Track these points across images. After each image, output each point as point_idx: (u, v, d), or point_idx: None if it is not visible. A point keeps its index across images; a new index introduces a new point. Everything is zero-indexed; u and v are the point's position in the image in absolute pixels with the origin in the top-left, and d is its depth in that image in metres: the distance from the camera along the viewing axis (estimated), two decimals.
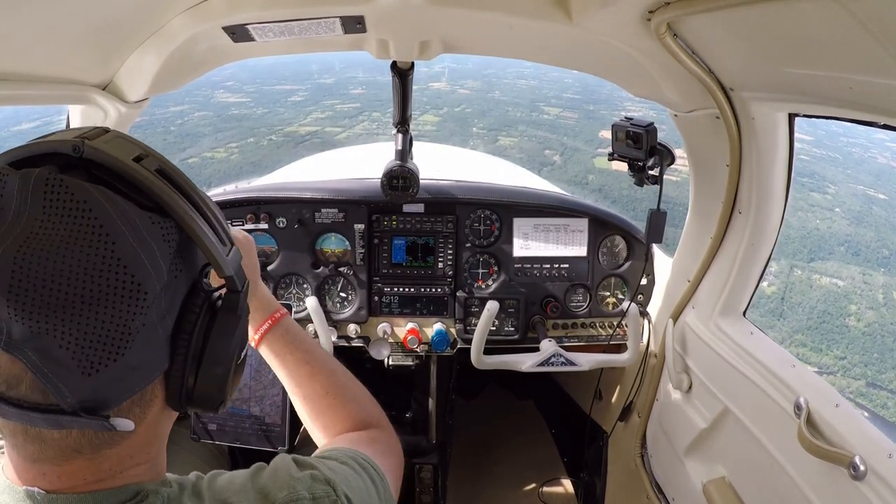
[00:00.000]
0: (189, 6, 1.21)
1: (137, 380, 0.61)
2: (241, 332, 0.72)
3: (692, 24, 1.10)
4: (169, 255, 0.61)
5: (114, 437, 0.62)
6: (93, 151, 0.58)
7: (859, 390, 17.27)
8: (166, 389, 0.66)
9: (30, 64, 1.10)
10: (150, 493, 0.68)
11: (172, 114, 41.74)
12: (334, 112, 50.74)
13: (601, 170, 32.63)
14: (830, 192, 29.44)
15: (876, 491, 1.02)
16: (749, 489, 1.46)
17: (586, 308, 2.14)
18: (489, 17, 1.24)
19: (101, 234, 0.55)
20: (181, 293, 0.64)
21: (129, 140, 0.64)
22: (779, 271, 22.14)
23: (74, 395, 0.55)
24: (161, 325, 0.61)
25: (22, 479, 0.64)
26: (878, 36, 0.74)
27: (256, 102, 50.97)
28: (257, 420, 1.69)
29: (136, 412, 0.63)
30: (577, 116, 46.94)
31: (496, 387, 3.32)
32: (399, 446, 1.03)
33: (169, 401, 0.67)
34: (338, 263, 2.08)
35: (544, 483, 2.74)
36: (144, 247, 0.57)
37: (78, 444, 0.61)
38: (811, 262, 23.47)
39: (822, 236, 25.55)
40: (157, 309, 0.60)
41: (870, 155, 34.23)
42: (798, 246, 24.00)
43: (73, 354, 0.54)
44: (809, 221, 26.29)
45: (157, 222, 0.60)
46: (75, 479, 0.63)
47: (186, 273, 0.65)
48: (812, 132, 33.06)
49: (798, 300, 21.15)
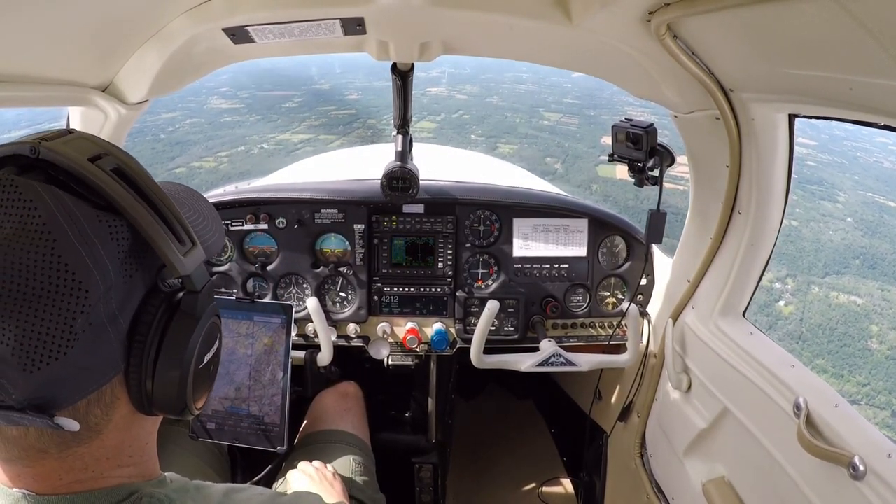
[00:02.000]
0: (189, 7, 1.21)
1: (89, 380, 0.60)
2: (203, 334, 0.69)
3: (692, 25, 1.10)
4: (118, 255, 0.60)
5: (79, 437, 0.62)
6: (48, 152, 0.59)
7: (885, 421, 16.46)
8: (129, 392, 0.65)
9: (29, 65, 1.10)
10: (145, 495, 0.68)
11: (164, 121, 40.77)
12: (329, 119, 49.93)
13: (605, 178, 31.65)
14: (841, 199, 28.70)
15: (875, 491, 1.02)
16: (748, 489, 1.46)
17: (586, 308, 2.14)
18: (489, 19, 1.24)
19: (42, 233, 0.55)
20: (137, 294, 0.64)
21: (91, 140, 0.65)
22: (795, 289, 21.36)
23: (19, 391, 0.55)
24: (112, 326, 0.61)
25: (11, 482, 0.64)
26: (878, 36, 0.74)
27: (250, 109, 50.12)
28: (256, 419, 1.69)
29: (97, 413, 0.63)
30: (578, 122, 46.28)
31: (496, 387, 3.32)
32: None
33: (134, 404, 0.66)
34: (338, 263, 2.08)
35: (544, 483, 2.74)
36: (87, 245, 0.57)
37: (41, 442, 0.61)
38: (826, 276, 22.65)
39: (836, 248, 24.77)
40: (104, 308, 0.59)
41: (875, 160, 33.55)
42: (813, 260, 23.25)
43: (14, 351, 0.54)
44: (823, 233, 25.51)
45: (104, 220, 0.59)
46: (51, 480, 0.64)
47: (143, 273, 0.64)
48: (815, 136, 32.48)
49: (817, 321, 20.25)
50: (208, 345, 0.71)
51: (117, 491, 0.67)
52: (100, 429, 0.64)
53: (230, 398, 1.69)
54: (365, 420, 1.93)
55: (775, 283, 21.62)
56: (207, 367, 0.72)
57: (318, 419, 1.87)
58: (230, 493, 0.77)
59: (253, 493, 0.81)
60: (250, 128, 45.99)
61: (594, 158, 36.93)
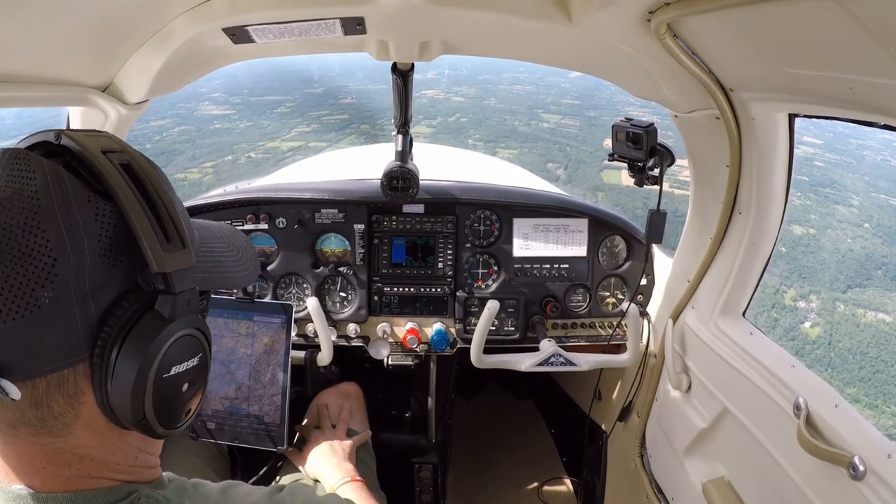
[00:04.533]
0: (189, 7, 1.21)
1: (47, 356, 0.59)
2: (174, 341, 0.65)
3: (692, 25, 1.10)
4: (100, 238, 0.61)
5: (45, 423, 0.62)
6: (68, 140, 0.63)
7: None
8: (93, 390, 0.63)
9: (29, 65, 1.10)
10: (143, 496, 0.68)
11: (152, 129, 39.55)
12: (320, 125, 48.21)
13: (611, 185, 29.84)
14: (855, 203, 27.37)
15: (875, 491, 1.02)
16: (748, 489, 1.46)
17: (586, 308, 2.14)
18: (489, 18, 1.24)
19: (32, 199, 0.58)
20: (116, 284, 0.63)
21: (112, 139, 0.68)
22: (821, 308, 19.65)
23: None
24: (80, 307, 0.60)
25: (8, 478, 0.64)
26: (878, 36, 0.74)
27: (241, 115, 48.83)
28: (256, 419, 1.69)
29: (60, 401, 0.62)
30: (579, 124, 45.03)
31: (496, 386, 3.32)
32: None
33: (99, 405, 0.64)
34: (338, 263, 2.08)
35: (544, 483, 2.74)
36: (68, 218, 0.59)
37: (7, 415, 0.62)
38: (848, 290, 20.93)
39: (856, 258, 23.05)
40: (75, 286, 0.59)
41: (882, 158, 32.36)
42: (835, 273, 21.64)
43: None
44: (842, 242, 23.93)
45: (93, 201, 0.61)
46: (32, 464, 0.64)
47: (127, 266, 0.63)
48: (820, 135, 31.34)
49: (847, 344, 18.36)
50: (181, 356, 0.67)
51: (115, 491, 0.67)
52: (67, 422, 0.63)
53: (230, 398, 1.69)
54: (365, 420, 1.93)
55: (799, 302, 20.18)
56: (176, 380, 0.67)
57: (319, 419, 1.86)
58: (227, 490, 0.78)
59: (250, 489, 0.81)
60: (239, 135, 44.48)
61: (598, 163, 34.88)
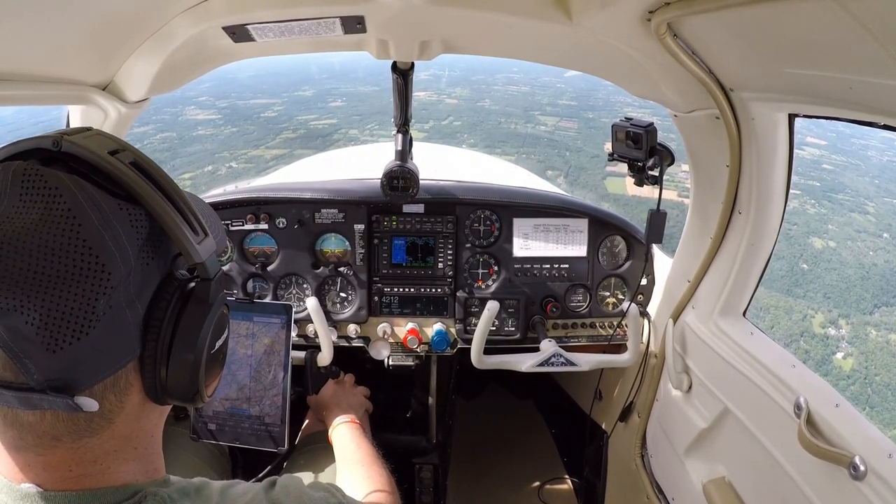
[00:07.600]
0: (189, 6, 1.21)
1: (106, 362, 0.62)
2: (215, 321, 0.72)
3: (692, 25, 1.10)
4: (137, 241, 0.63)
5: (92, 425, 0.64)
6: (70, 146, 0.62)
7: None
8: (142, 379, 0.67)
9: (29, 64, 1.10)
10: (150, 494, 0.69)
11: (134, 136, 36.79)
12: (307, 130, 46.39)
13: (616, 196, 27.70)
14: (871, 210, 25.99)
15: (876, 491, 1.02)
16: (749, 489, 1.46)
17: (586, 308, 2.14)
18: (489, 18, 1.24)
19: (68, 217, 0.58)
20: (153, 281, 0.66)
21: (107, 136, 0.68)
22: (852, 335, 18.14)
23: (41, 371, 0.57)
24: (130, 310, 0.63)
25: (16, 477, 0.64)
26: (878, 36, 0.74)
27: (226, 120, 46.78)
28: (257, 420, 1.69)
29: (112, 399, 0.65)
30: (577, 126, 43.43)
31: (496, 387, 3.32)
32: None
33: (146, 391, 0.68)
34: (338, 264, 2.08)
35: (544, 483, 2.74)
36: (110, 230, 0.60)
37: (55, 429, 0.62)
38: (875, 310, 19.30)
39: (881, 273, 21.34)
40: (123, 292, 0.62)
41: (888, 158, 31.29)
42: (860, 291, 20.05)
43: (38, 330, 0.56)
44: (863, 254, 22.30)
45: (124, 208, 0.62)
46: (61, 470, 0.64)
47: (159, 261, 0.67)
48: (823, 135, 30.55)
49: (884, 379, 16.60)
50: (219, 331, 0.74)
51: (122, 490, 0.68)
52: (112, 417, 0.66)
53: (231, 399, 1.69)
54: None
55: (829, 329, 18.63)
56: (218, 353, 0.75)
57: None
58: (226, 490, 0.79)
59: (246, 487, 0.83)
60: (222, 143, 42.32)
61: (600, 170, 33.03)
